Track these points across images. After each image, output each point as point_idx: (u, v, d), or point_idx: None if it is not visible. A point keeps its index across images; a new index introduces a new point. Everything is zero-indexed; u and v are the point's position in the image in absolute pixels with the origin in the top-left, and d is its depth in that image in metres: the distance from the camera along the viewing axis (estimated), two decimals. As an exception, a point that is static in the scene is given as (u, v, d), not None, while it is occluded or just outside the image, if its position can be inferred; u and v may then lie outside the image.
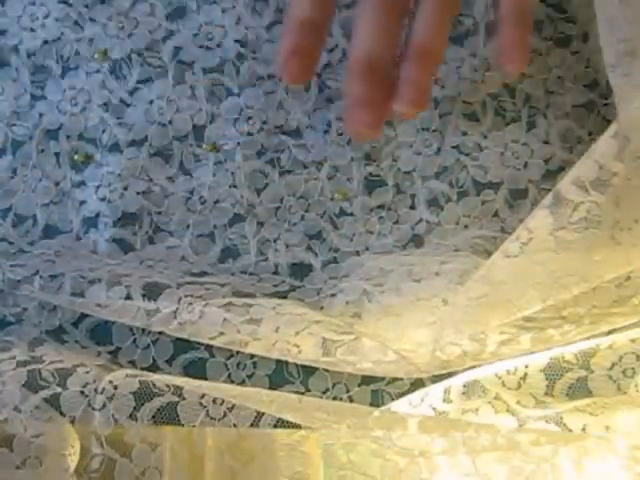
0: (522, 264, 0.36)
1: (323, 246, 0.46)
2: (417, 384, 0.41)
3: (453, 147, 0.49)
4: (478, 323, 0.38)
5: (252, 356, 0.42)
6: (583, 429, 0.37)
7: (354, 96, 0.40)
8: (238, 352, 0.42)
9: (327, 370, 0.42)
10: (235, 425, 0.38)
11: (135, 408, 0.39)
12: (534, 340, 0.39)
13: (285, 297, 0.44)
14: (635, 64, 0.38)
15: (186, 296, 0.41)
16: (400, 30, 0.41)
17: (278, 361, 0.42)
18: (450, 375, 0.41)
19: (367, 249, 0.47)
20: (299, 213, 0.47)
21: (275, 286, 0.45)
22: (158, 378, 0.39)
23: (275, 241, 0.46)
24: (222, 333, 0.41)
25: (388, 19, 0.41)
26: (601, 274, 0.35)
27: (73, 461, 0.38)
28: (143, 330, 0.43)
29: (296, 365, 0.42)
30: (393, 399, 0.41)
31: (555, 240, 0.35)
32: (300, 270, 0.46)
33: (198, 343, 0.42)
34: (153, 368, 0.42)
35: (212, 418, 0.39)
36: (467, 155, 0.49)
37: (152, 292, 0.42)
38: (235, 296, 0.42)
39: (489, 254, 0.42)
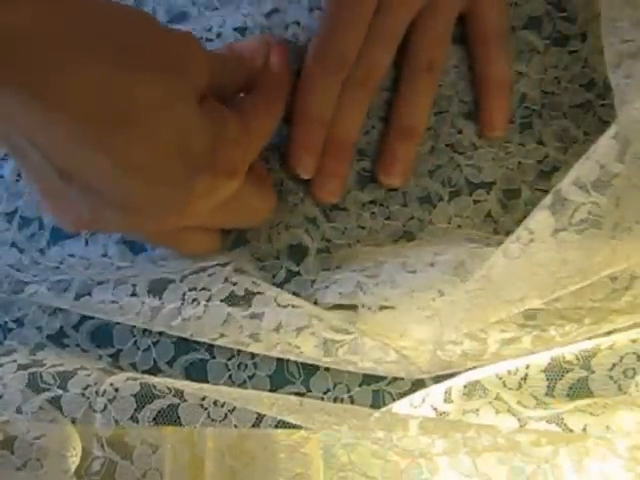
0: (523, 265, 0.35)
1: (317, 233, 0.46)
2: (418, 384, 0.41)
3: (447, 145, 0.48)
4: (477, 322, 0.38)
5: (253, 357, 0.42)
6: (584, 429, 0.36)
7: (328, 172, 0.46)
8: (239, 353, 0.42)
9: (328, 370, 0.41)
10: (236, 426, 0.38)
11: (136, 410, 0.38)
12: (535, 340, 0.39)
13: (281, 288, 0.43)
14: (637, 66, 0.38)
15: (190, 290, 0.41)
16: (367, 106, 0.47)
17: (279, 361, 0.41)
18: (451, 375, 0.40)
19: (358, 242, 0.46)
20: (299, 195, 0.46)
21: (273, 276, 0.44)
22: (159, 381, 0.39)
23: (277, 225, 0.46)
24: (223, 335, 0.41)
25: (361, 97, 0.47)
26: (600, 271, 0.35)
27: (74, 463, 0.37)
28: (144, 332, 0.42)
29: (297, 365, 0.41)
30: (394, 399, 0.41)
31: (556, 241, 0.34)
32: (297, 252, 0.45)
33: (199, 344, 0.42)
34: (154, 370, 0.42)
35: (213, 420, 0.38)
36: (461, 154, 0.48)
37: (157, 288, 0.41)
38: (237, 273, 0.42)
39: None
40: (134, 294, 0.41)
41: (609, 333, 0.38)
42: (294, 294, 0.43)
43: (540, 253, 0.34)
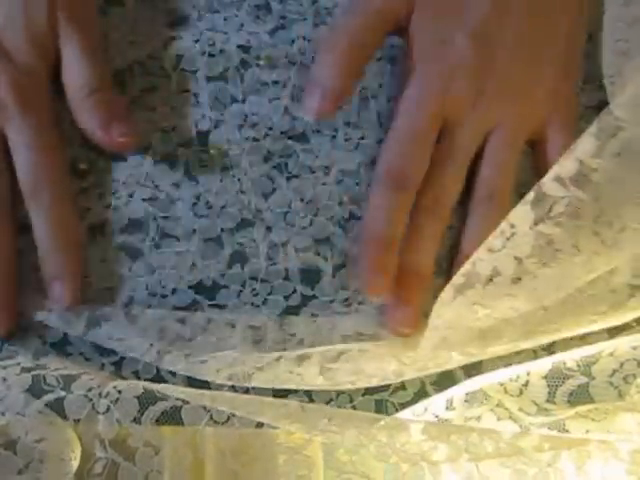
0: (504, 258, 0.37)
1: (333, 251, 0.47)
2: (420, 394, 0.43)
3: None
4: (463, 311, 0.40)
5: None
6: (585, 434, 0.38)
7: (400, 300, 0.44)
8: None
9: (331, 379, 0.43)
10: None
11: (139, 412, 0.40)
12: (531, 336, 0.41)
13: (297, 313, 0.45)
14: (626, 64, 0.39)
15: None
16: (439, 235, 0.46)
17: (282, 369, 0.44)
18: (453, 384, 0.42)
19: None
20: (308, 217, 0.48)
21: (286, 298, 0.46)
22: (162, 387, 0.41)
23: (284, 245, 0.47)
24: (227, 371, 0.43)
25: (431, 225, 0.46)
26: (584, 274, 0.37)
27: (73, 466, 0.39)
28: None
29: (300, 375, 0.44)
30: (397, 409, 0.43)
31: (535, 234, 0.36)
32: (310, 276, 0.47)
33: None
34: (157, 379, 0.43)
35: (216, 422, 0.40)
36: None
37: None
38: (245, 342, 0.44)
39: None
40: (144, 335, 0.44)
41: (609, 338, 0.40)
42: (312, 315, 0.45)
43: (520, 245, 0.37)
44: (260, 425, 0.41)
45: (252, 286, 0.46)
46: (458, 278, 0.38)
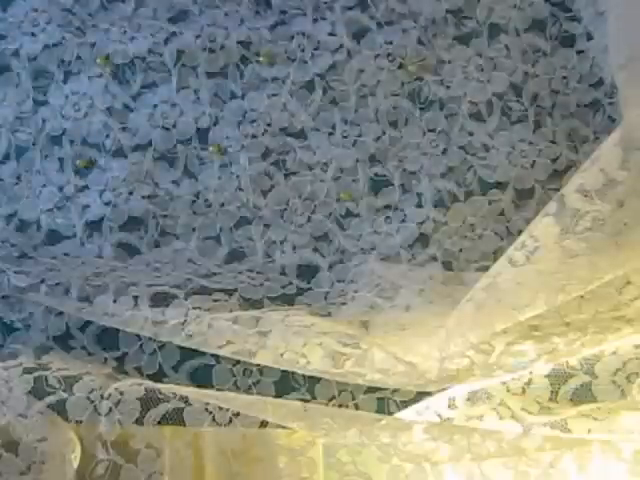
0: (528, 272, 0.37)
1: (330, 247, 0.48)
2: (423, 392, 0.43)
3: (460, 147, 0.50)
4: (483, 329, 0.40)
5: (258, 363, 0.43)
6: (588, 433, 0.38)
7: None
8: (244, 358, 0.44)
9: (333, 376, 0.44)
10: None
11: (141, 413, 0.40)
12: (539, 350, 0.41)
13: (292, 302, 0.46)
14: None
15: (194, 308, 0.43)
16: None
17: (284, 367, 0.44)
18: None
19: (373, 249, 0.48)
20: (305, 215, 0.49)
21: (283, 287, 0.46)
22: (164, 387, 0.41)
23: (282, 243, 0.48)
24: (230, 342, 0.42)
25: None
26: (602, 275, 0.37)
27: (73, 467, 0.40)
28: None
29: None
30: (399, 407, 0.43)
31: (561, 249, 0.36)
32: (307, 271, 0.47)
33: (204, 349, 0.44)
34: (159, 374, 0.44)
35: (218, 424, 0.40)
36: (474, 155, 0.50)
37: (160, 303, 0.43)
38: (242, 308, 0.43)
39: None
40: (136, 306, 0.43)
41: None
42: (306, 305, 0.45)
43: (545, 260, 0.36)
44: (263, 425, 0.41)
45: (249, 275, 0.46)
46: (478, 292, 0.38)
